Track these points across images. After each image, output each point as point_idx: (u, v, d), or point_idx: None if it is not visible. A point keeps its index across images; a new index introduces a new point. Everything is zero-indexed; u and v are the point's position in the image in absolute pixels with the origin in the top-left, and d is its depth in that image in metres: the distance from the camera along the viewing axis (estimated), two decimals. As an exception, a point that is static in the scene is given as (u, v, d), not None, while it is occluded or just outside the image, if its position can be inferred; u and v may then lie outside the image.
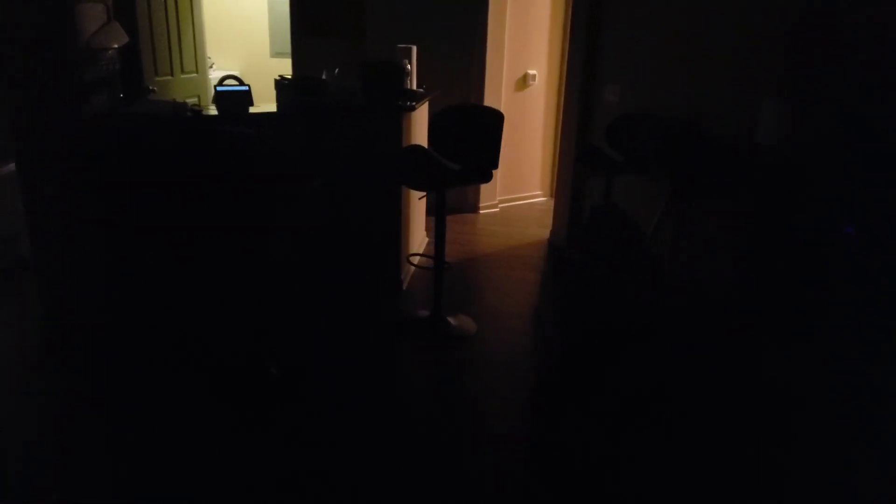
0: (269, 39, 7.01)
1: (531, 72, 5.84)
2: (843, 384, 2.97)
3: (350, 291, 4.11)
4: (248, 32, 7.15)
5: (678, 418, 2.94)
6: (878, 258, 3.19)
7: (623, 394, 2.92)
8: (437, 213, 3.63)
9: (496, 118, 3.45)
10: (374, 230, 4.04)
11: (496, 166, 3.46)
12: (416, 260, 4.51)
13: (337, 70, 4.30)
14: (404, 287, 4.26)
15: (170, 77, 5.46)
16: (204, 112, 3.37)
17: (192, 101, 5.34)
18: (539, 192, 6.34)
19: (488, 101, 5.54)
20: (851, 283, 3.28)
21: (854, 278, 3.26)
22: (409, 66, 4.10)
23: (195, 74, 5.89)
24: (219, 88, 3.38)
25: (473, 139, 3.53)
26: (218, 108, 3.38)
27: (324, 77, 4.12)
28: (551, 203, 6.34)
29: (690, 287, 4.06)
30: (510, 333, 3.74)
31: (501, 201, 6.06)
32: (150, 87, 4.63)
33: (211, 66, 6.47)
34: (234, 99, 3.42)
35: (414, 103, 3.94)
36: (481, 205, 5.86)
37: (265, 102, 4.06)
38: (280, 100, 3.76)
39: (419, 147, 3.62)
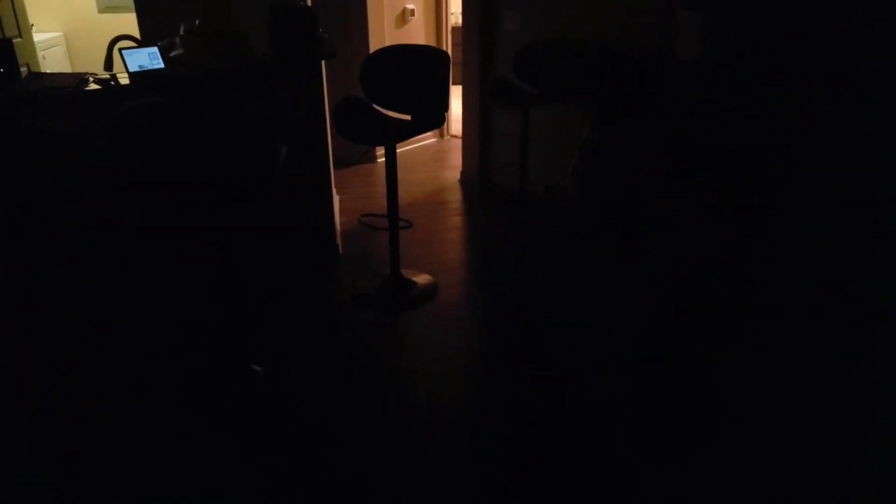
0: (94, -9, 6.01)
1: (409, 6, 5.54)
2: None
3: (293, 266, 3.75)
4: (65, -16, 6.05)
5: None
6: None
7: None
8: (387, 169, 3.41)
9: (442, 58, 3.21)
10: (304, 195, 3.69)
11: (447, 109, 3.26)
12: (371, 221, 4.28)
13: (198, 22, 3.78)
14: (340, 252, 3.98)
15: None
16: (113, 82, 2.79)
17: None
18: (430, 134, 6.14)
19: (373, 41, 5.20)
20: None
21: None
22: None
23: (19, 39, 4.96)
24: (125, 52, 2.81)
25: (418, 83, 3.27)
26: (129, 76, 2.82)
27: (181, 31, 3.60)
28: (443, 143, 6.20)
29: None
30: (469, 284, 3.64)
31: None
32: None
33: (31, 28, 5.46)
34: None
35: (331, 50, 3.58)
36: (378, 153, 5.57)
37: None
38: (189, 59, 3.22)
39: (358, 99, 3.29)
